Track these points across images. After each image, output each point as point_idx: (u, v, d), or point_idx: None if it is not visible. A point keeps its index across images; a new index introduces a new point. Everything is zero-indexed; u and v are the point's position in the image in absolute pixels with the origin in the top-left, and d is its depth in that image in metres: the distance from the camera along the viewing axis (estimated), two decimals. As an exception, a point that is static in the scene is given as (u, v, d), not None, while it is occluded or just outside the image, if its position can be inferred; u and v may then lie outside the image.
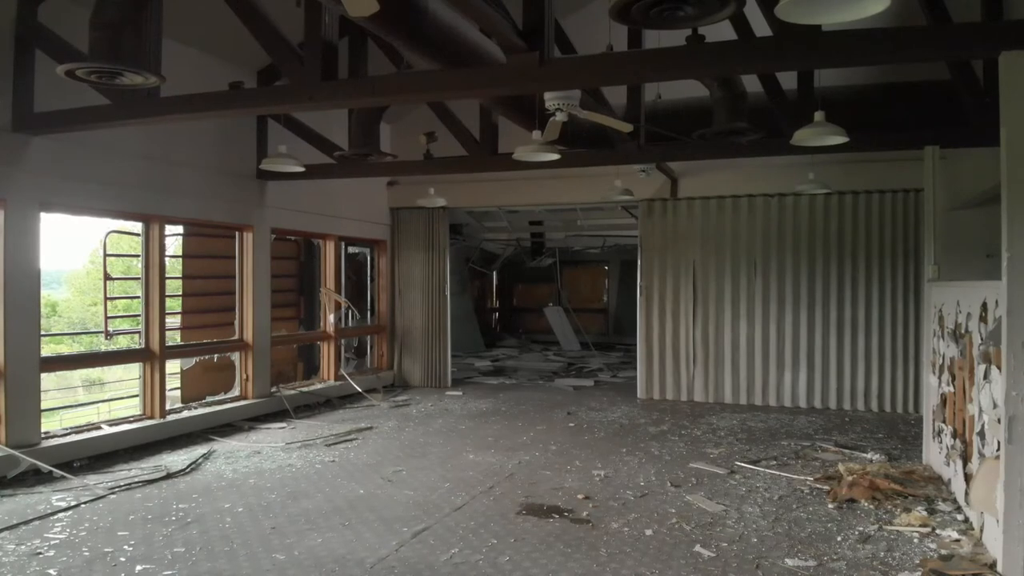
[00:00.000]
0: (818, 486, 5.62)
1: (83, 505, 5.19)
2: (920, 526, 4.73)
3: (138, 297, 7.58)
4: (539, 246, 16.74)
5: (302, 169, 6.97)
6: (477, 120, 7.46)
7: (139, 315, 7.63)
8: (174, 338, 10.11)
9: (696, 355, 9.53)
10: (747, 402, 9.34)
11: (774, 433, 7.65)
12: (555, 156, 5.89)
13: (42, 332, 6.34)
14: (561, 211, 12.80)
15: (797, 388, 9.20)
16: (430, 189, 9.37)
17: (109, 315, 8.73)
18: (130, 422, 7.01)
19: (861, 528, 4.71)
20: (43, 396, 10.47)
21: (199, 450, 6.81)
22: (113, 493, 5.47)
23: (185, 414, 7.52)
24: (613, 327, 17.64)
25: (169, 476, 5.92)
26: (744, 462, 6.35)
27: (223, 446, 6.99)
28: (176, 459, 6.45)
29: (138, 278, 11.36)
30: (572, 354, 14.96)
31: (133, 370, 8.47)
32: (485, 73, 4.61)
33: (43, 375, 6.26)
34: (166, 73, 4.64)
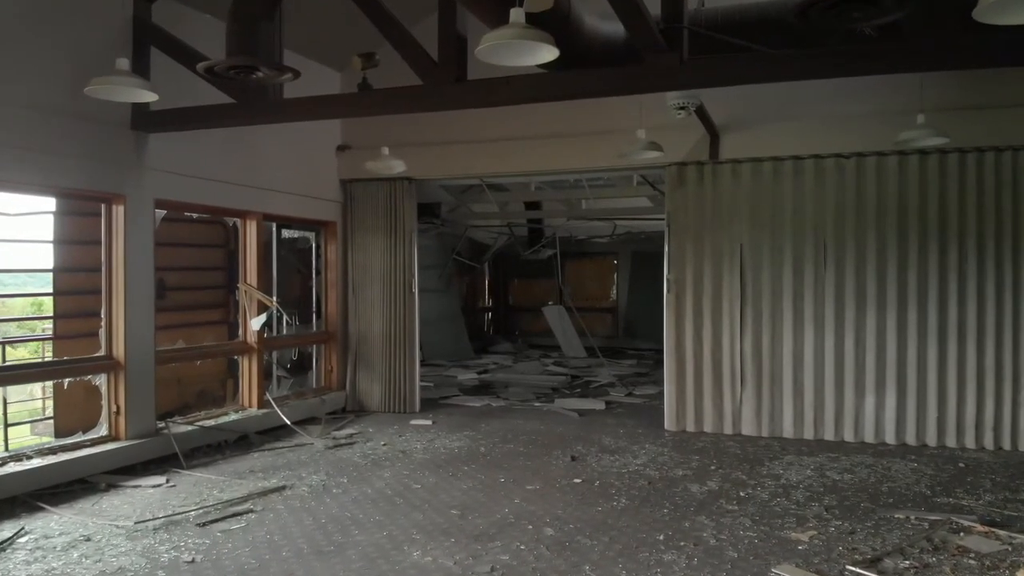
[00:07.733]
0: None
1: None
2: None
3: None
4: (537, 234, 14.27)
5: (153, 97, 4.52)
6: (435, 34, 5.01)
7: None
8: (47, 351, 7.76)
9: (745, 373, 7.07)
10: (815, 437, 6.89)
11: (873, 493, 5.23)
12: (551, 53, 3.43)
13: None
14: (561, 187, 10.34)
15: (883, 418, 6.74)
16: (383, 149, 6.93)
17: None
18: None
19: None
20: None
21: (2, 533, 4.40)
22: None
23: (9, 468, 5.09)
24: (623, 329, 15.24)
25: None
26: (859, 565, 3.91)
27: (45, 524, 4.57)
28: (-53, 556, 4.05)
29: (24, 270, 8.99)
30: (576, 362, 12.54)
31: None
32: None
33: None
34: None
